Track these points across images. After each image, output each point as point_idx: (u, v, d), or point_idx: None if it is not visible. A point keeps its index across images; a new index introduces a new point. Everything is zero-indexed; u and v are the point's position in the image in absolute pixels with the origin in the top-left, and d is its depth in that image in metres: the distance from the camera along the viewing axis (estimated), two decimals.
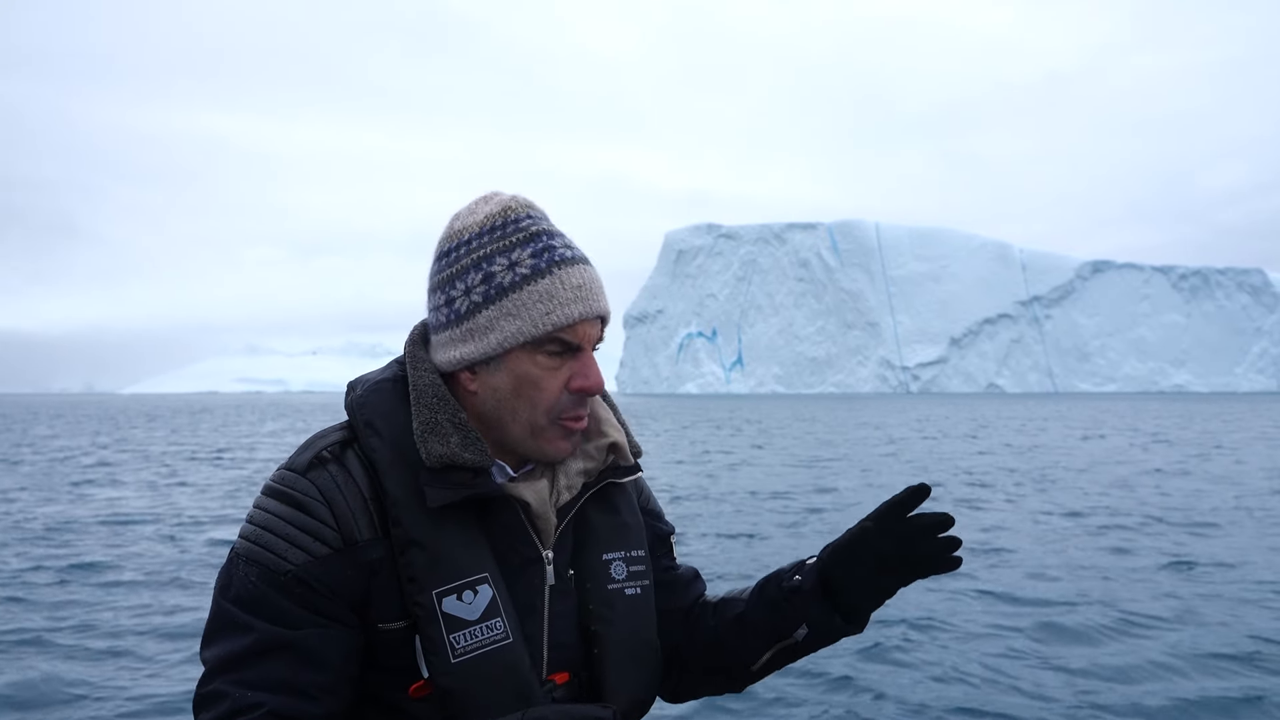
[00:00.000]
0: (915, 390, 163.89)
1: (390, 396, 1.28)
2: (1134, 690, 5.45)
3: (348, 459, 1.24)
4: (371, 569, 1.19)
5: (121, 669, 5.97)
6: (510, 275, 1.23)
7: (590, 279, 1.25)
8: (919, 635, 6.59)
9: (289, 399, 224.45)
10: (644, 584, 1.37)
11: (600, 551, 1.35)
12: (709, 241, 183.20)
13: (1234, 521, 12.40)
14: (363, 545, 1.19)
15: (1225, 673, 5.78)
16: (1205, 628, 6.82)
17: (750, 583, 1.44)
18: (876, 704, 5.30)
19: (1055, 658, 6.16)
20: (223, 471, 21.12)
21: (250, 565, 1.17)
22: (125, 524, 12.45)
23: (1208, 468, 20.53)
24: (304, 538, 1.17)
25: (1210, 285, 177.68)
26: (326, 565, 1.17)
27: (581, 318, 1.23)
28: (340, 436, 1.26)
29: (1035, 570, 9.05)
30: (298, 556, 1.16)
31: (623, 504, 1.41)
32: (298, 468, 1.22)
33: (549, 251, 1.24)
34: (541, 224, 1.27)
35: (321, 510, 1.18)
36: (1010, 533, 11.47)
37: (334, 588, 1.18)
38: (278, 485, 1.22)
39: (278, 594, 1.16)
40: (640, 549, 1.39)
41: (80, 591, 8.27)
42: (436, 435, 1.22)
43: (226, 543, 10.29)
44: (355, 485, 1.21)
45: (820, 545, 1.25)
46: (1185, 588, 8.30)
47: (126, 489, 16.89)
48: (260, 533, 1.18)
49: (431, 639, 1.18)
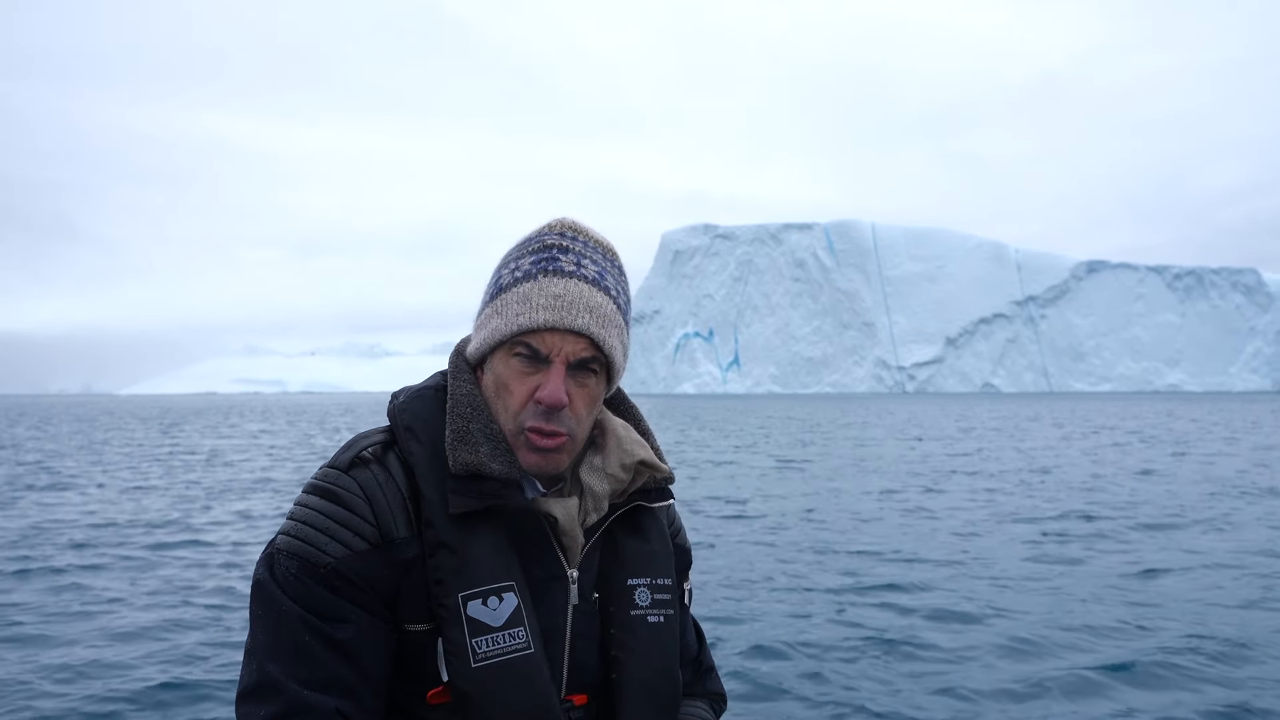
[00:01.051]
0: (911, 390, 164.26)
1: (431, 404, 1.31)
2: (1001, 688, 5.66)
3: (388, 460, 1.26)
4: (405, 567, 1.21)
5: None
6: (509, 277, 1.27)
7: (575, 294, 1.24)
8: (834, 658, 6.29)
9: (286, 400, 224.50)
10: (668, 613, 1.36)
11: (626, 576, 1.34)
12: (705, 242, 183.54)
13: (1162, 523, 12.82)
14: (399, 543, 1.21)
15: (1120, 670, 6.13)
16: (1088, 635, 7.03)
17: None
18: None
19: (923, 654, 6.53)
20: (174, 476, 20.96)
21: (291, 558, 1.19)
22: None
23: (1165, 467, 20.97)
24: (344, 532, 1.19)
25: (1204, 285, 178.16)
26: (364, 560, 1.18)
27: (547, 325, 1.22)
28: (382, 438, 1.28)
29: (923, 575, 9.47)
30: (337, 550, 1.18)
31: (652, 530, 1.40)
32: (340, 465, 1.24)
33: (549, 261, 1.25)
34: (564, 241, 1.28)
35: (362, 506, 1.20)
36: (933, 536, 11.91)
37: (371, 583, 1.19)
38: (320, 482, 1.24)
39: (319, 586, 1.17)
40: (667, 577, 1.39)
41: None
42: (466, 443, 1.23)
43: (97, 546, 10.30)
44: (395, 484, 1.23)
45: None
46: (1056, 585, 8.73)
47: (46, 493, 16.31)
48: (301, 527, 1.20)
49: (454, 642, 1.19)
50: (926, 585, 8.14)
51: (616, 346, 1.29)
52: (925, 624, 6.83)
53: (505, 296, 1.26)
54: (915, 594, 7.83)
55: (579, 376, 1.27)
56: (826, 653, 6.14)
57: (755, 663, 5.92)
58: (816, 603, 7.55)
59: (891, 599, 7.64)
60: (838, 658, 6.05)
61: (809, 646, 6.26)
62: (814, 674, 5.73)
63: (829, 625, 6.84)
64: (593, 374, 1.28)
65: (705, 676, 1.55)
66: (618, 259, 1.35)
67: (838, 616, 7.08)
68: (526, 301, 1.23)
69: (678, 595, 1.41)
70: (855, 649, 6.20)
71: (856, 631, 6.62)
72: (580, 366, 1.26)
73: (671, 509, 1.49)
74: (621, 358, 1.32)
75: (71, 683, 5.55)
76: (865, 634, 6.54)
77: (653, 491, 1.39)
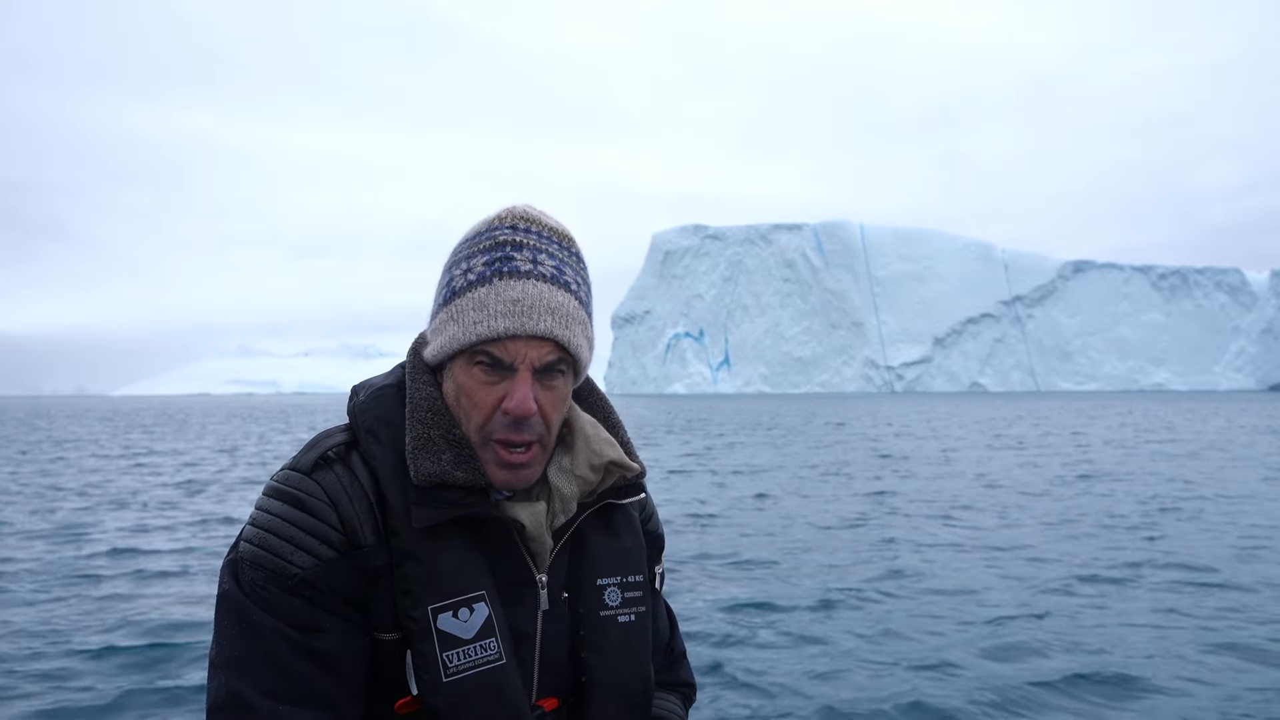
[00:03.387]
0: (900, 390, 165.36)
1: (393, 404, 1.26)
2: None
3: (353, 461, 1.22)
4: (374, 575, 1.18)
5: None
6: (462, 280, 1.21)
7: (534, 296, 1.18)
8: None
9: (279, 400, 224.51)
10: (639, 611, 1.34)
11: (595, 576, 1.31)
12: (696, 242, 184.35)
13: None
14: (367, 551, 1.17)
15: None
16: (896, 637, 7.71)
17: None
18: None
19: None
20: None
21: (256, 568, 1.14)
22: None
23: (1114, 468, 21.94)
24: (310, 540, 1.15)
25: (1189, 285, 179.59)
26: (332, 569, 1.15)
27: (508, 333, 1.16)
28: (345, 438, 1.24)
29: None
30: (304, 560, 1.14)
31: (623, 526, 1.37)
32: (302, 468, 1.20)
33: (503, 261, 1.20)
34: (516, 235, 1.22)
35: (327, 512, 1.16)
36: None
37: (341, 590, 1.16)
38: (282, 485, 1.19)
39: (286, 595, 1.13)
40: (638, 574, 1.36)
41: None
42: (428, 452, 1.19)
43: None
44: (360, 487, 1.19)
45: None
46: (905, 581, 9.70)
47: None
48: (264, 535, 1.15)
49: (424, 655, 1.15)
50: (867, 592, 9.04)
51: (582, 345, 1.24)
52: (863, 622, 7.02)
53: (460, 302, 1.20)
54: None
55: (546, 380, 1.21)
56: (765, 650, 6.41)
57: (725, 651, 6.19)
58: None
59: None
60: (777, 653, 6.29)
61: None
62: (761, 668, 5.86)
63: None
64: (560, 374, 1.23)
65: (676, 664, 1.54)
66: (574, 245, 1.29)
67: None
68: (483, 308, 1.17)
69: (649, 587, 1.39)
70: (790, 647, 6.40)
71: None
72: (546, 370, 1.21)
73: (646, 499, 1.46)
74: (588, 354, 1.27)
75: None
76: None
77: (624, 489, 1.35)
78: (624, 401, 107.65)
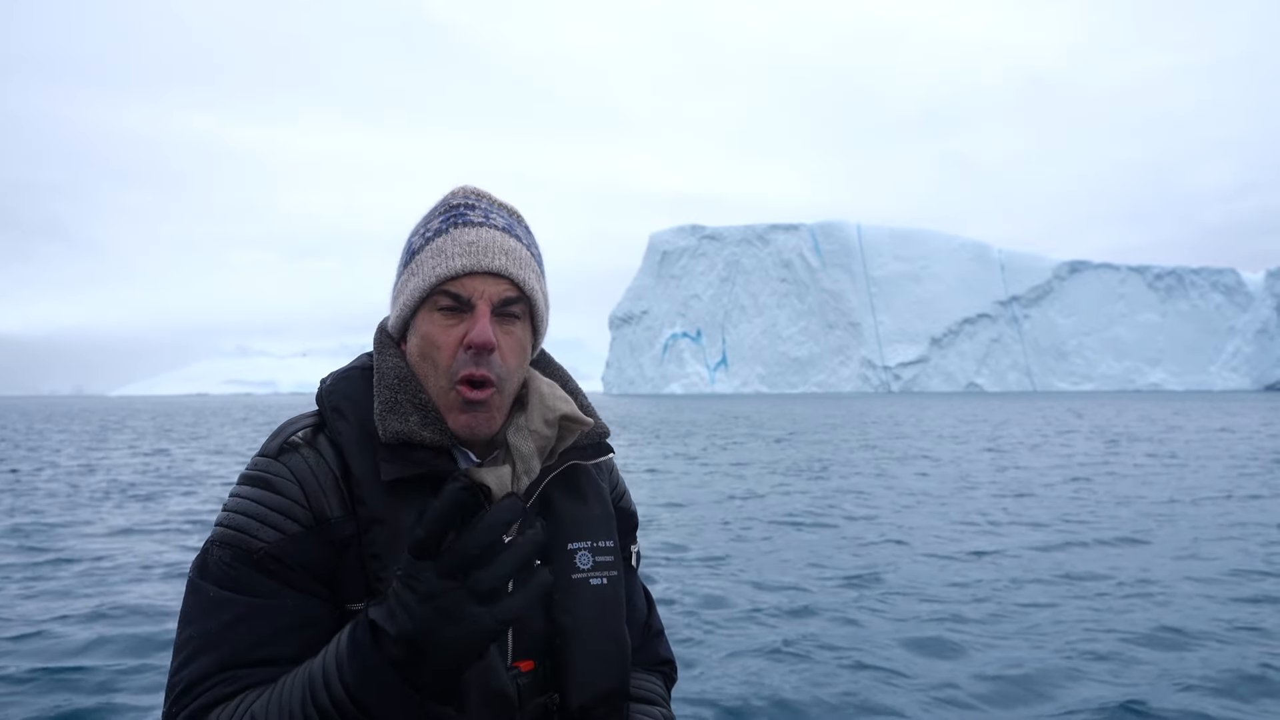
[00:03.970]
0: (896, 390, 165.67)
1: (358, 383, 1.31)
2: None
3: (319, 443, 1.26)
4: (341, 546, 1.21)
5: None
6: (420, 240, 1.29)
7: (488, 239, 1.26)
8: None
9: (277, 400, 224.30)
10: (611, 574, 1.36)
11: (565, 541, 1.33)
12: (693, 243, 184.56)
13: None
14: (334, 523, 1.21)
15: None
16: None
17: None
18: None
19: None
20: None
21: (224, 548, 1.18)
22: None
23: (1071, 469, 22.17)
24: (275, 516, 1.18)
25: (1185, 285, 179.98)
26: (298, 542, 1.18)
27: (465, 270, 1.23)
28: (311, 422, 1.29)
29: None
30: (269, 535, 1.18)
31: (590, 491, 1.39)
32: (269, 453, 1.25)
33: (456, 216, 1.28)
34: (470, 200, 1.31)
35: (292, 489, 1.20)
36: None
37: (305, 564, 1.19)
38: (252, 471, 1.24)
39: (251, 571, 1.16)
40: (609, 539, 1.38)
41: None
42: (395, 414, 1.24)
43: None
44: (327, 465, 1.23)
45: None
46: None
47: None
48: (233, 516, 1.20)
49: None
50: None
51: (536, 289, 1.30)
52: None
53: (421, 256, 1.27)
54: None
55: (504, 324, 1.27)
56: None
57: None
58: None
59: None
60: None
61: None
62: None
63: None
64: (517, 320, 1.29)
65: (655, 640, 1.55)
66: (524, 220, 1.36)
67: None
68: (441, 253, 1.25)
69: (621, 558, 1.40)
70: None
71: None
72: (504, 309, 1.27)
73: (614, 472, 1.49)
74: (543, 304, 1.33)
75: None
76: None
77: (588, 449, 1.38)
78: (622, 401, 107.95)
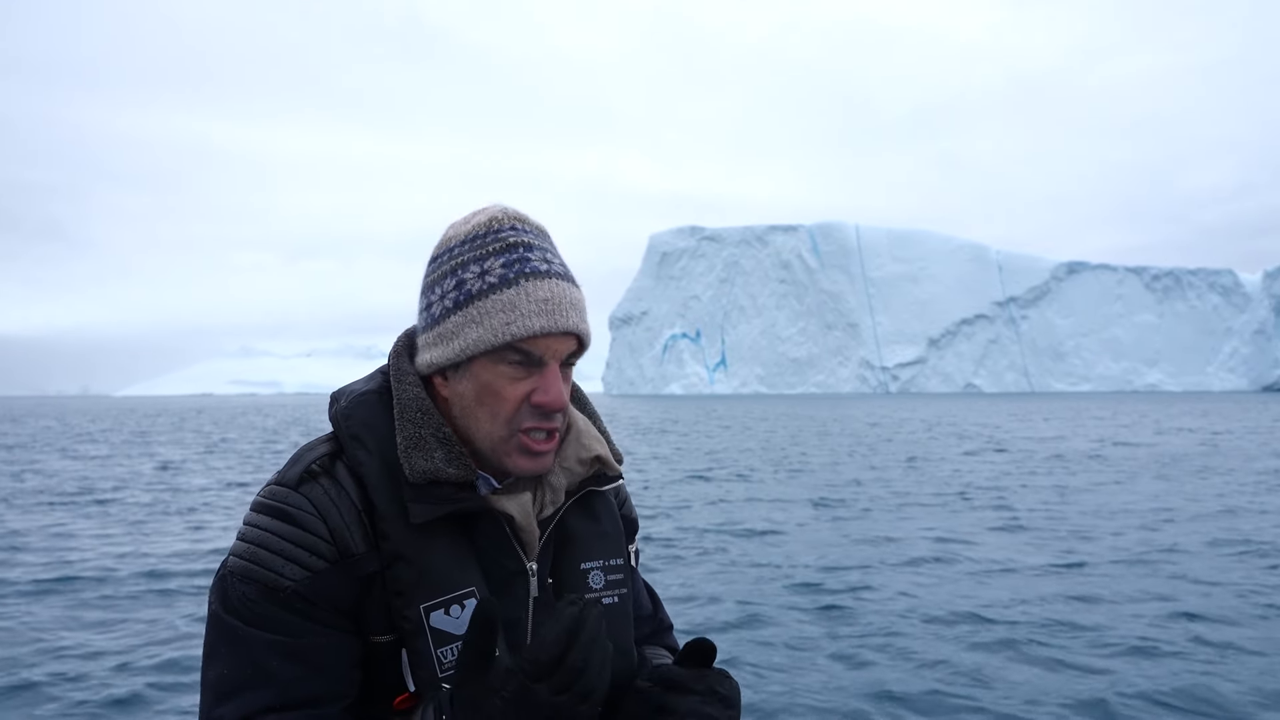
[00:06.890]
0: (895, 390, 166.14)
1: (376, 409, 1.29)
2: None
3: (338, 471, 1.24)
4: (366, 582, 1.20)
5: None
6: (479, 283, 1.24)
7: (560, 294, 1.25)
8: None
9: (281, 400, 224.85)
10: (621, 592, 1.39)
11: (578, 561, 1.36)
12: (692, 244, 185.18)
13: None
14: (358, 559, 1.20)
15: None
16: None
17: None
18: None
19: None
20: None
21: (247, 583, 1.16)
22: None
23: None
24: (300, 553, 1.17)
25: (1182, 286, 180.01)
26: (324, 580, 1.18)
27: (543, 331, 1.22)
28: (328, 449, 1.27)
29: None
30: (295, 572, 1.16)
31: (603, 511, 1.42)
32: (288, 482, 1.22)
33: (521, 263, 1.25)
34: (523, 236, 1.28)
35: (316, 524, 1.19)
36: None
37: (332, 600, 1.18)
38: (269, 500, 1.21)
39: (278, 609, 1.16)
40: (619, 557, 1.41)
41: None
42: (420, 450, 1.22)
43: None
44: (348, 497, 1.22)
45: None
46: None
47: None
48: (254, 550, 1.18)
49: (419, 653, 1.19)
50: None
51: (590, 335, 1.31)
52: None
53: (483, 304, 1.23)
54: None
55: (564, 371, 1.29)
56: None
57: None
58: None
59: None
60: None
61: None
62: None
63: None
64: (573, 365, 1.31)
65: (665, 634, 1.59)
66: (552, 240, 1.37)
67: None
68: (514, 309, 1.22)
69: (629, 569, 1.44)
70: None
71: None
72: (566, 362, 1.29)
73: (621, 486, 1.51)
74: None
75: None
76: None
77: (603, 476, 1.41)
78: (621, 402, 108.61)
